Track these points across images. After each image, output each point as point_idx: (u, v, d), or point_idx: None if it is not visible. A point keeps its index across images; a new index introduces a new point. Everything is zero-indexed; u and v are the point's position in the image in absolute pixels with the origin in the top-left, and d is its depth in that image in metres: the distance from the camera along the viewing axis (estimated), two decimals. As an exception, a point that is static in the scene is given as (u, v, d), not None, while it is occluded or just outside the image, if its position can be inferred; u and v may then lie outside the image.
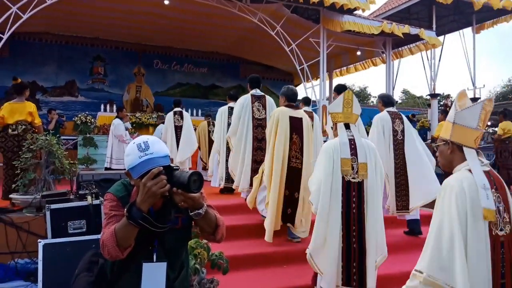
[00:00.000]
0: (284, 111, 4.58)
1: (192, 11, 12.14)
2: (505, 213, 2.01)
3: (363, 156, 3.18)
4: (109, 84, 15.61)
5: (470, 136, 2.09)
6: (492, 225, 1.95)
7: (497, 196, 2.00)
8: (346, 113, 3.32)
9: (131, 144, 1.76)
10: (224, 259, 2.96)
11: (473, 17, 14.83)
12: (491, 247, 1.94)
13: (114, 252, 1.67)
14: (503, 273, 1.96)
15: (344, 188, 3.11)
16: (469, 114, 2.10)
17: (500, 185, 2.06)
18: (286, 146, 4.42)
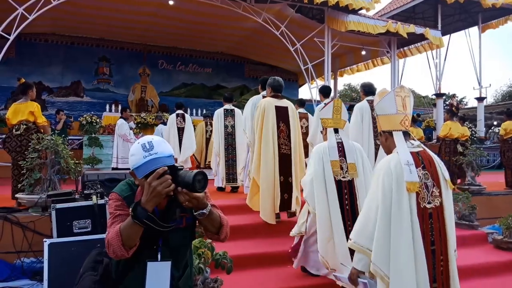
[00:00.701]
0: (270, 101, 4.79)
1: (196, 11, 12.17)
2: (434, 187, 2.24)
3: (352, 157, 3.45)
4: (114, 84, 15.68)
5: (394, 121, 2.37)
6: (419, 199, 2.20)
7: (424, 173, 2.24)
8: (335, 119, 3.60)
9: (136, 144, 1.77)
10: (228, 258, 2.96)
11: (479, 16, 14.76)
12: (420, 218, 2.17)
13: (119, 251, 1.68)
14: (433, 241, 2.19)
15: (336, 187, 3.36)
16: (386, 103, 2.40)
17: (430, 163, 2.28)
18: (274, 134, 4.65)
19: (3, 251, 4.05)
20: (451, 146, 7.56)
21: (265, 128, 4.68)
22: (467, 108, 22.66)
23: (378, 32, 11.96)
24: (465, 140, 7.81)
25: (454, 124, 7.69)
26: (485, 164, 12.76)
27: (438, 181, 2.27)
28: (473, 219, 5.47)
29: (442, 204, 2.25)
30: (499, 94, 34.09)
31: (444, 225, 2.24)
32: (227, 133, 6.73)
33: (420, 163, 2.26)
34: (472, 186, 6.75)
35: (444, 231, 2.23)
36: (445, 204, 2.26)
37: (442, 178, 2.29)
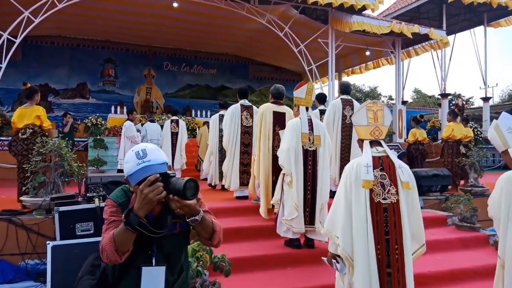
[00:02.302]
0: (269, 106, 5.28)
1: (200, 13, 12.23)
2: (391, 186, 2.63)
3: (318, 130, 4.34)
4: (119, 86, 15.81)
5: (364, 131, 2.83)
6: (374, 195, 2.59)
7: (381, 174, 2.65)
8: (307, 99, 4.45)
9: (130, 151, 1.81)
10: (226, 261, 3.00)
11: (485, 16, 14.65)
12: (373, 211, 2.57)
13: (112, 257, 1.72)
14: (387, 231, 2.56)
15: (303, 154, 4.23)
16: (359, 116, 2.86)
17: (389, 167, 2.68)
18: (270, 137, 5.12)
19: (8, 252, 4.12)
20: (454, 147, 7.53)
21: (262, 131, 5.12)
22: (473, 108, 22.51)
23: (382, 32, 11.94)
24: (468, 141, 7.78)
25: (456, 125, 7.66)
26: (491, 164, 12.67)
27: (395, 181, 2.65)
28: (475, 221, 5.46)
29: (399, 201, 2.61)
30: (506, 93, 33.79)
31: (400, 219, 2.59)
32: (221, 136, 7.13)
33: (379, 165, 2.67)
34: (475, 187, 6.73)
35: (399, 224, 2.58)
36: (401, 201, 2.62)
37: (398, 180, 2.65)
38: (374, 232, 2.53)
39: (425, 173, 6.70)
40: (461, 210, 5.55)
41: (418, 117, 9.36)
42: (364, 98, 33.54)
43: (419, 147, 8.79)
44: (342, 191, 2.68)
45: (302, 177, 4.17)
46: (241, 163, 6.08)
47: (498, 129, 2.73)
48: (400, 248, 2.54)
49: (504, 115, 2.82)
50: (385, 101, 34.64)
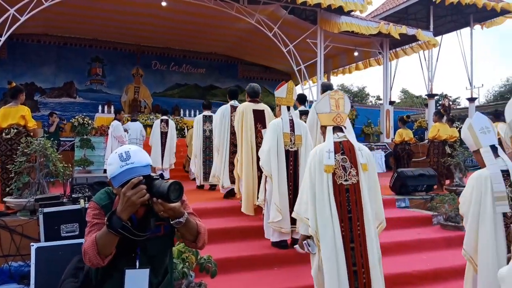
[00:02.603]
0: (248, 105, 5.36)
1: (189, 12, 12.19)
2: (352, 169, 2.84)
3: (299, 130, 4.33)
4: (107, 85, 15.68)
5: (327, 118, 3.03)
6: (336, 177, 2.82)
7: (342, 158, 2.86)
8: (288, 98, 4.41)
9: (113, 153, 1.80)
10: (212, 262, 2.99)
11: (471, 17, 14.85)
12: (336, 192, 2.79)
13: (95, 260, 1.71)
14: (350, 210, 2.78)
15: (285, 155, 4.23)
16: (322, 104, 3.07)
17: (350, 150, 2.89)
18: (252, 135, 5.20)
19: (-10, 254, 4.05)
20: (440, 147, 7.62)
21: (244, 129, 5.22)
22: (460, 109, 22.78)
23: (371, 33, 12.04)
24: (453, 142, 7.88)
25: (442, 126, 7.76)
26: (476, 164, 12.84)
27: (356, 164, 2.87)
28: (459, 220, 5.52)
29: (359, 182, 2.84)
30: (491, 94, 34.29)
31: (360, 198, 2.81)
32: (205, 137, 7.40)
33: (340, 150, 2.88)
34: (460, 187, 6.81)
35: (360, 203, 2.80)
36: (361, 182, 2.84)
37: (358, 162, 2.87)
38: (338, 212, 2.76)
39: (411, 173, 6.77)
40: (446, 210, 5.62)
41: (404, 117, 9.45)
42: (353, 98, 33.74)
43: (405, 147, 8.87)
44: (307, 176, 2.90)
45: (285, 178, 4.19)
46: (230, 163, 6.12)
47: (471, 129, 2.84)
48: (362, 224, 2.77)
49: (477, 115, 2.91)
50: (373, 101, 34.90)
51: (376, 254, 2.80)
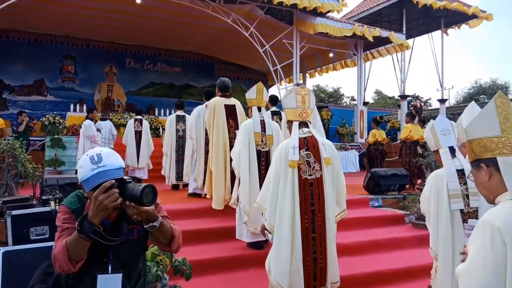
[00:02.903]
0: (219, 100, 5.36)
1: (165, 9, 12.04)
2: (316, 164, 2.98)
3: (270, 130, 4.38)
4: (79, 83, 15.31)
5: (293, 113, 3.12)
6: (301, 172, 2.94)
7: (307, 153, 2.99)
8: (258, 99, 4.47)
9: (84, 156, 1.75)
10: (187, 265, 2.96)
11: (442, 21, 15.26)
12: (301, 187, 2.93)
13: (65, 266, 1.66)
14: (313, 203, 2.94)
15: (256, 155, 4.26)
16: (289, 100, 3.13)
17: (313, 146, 3.02)
18: (225, 129, 5.25)
19: (-45, 259, 3.88)
20: (412, 148, 7.80)
21: (216, 124, 5.25)
22: (431, 110, 23.35)
23: (345, 34, 12.19)
24: (425, 142, 8.07)
25: (414, 127, 7.94)
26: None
27: (319, 159, 3.00)
28: (431, 219, 5.67)
29: (322, 176, 2.98)
30: (461, 95, 35.36)
31: (323, 191, 2.96)
32: (178, 137, 7.40)
33: (305, 146, 3.01)
34: (431, 187, 6.99)
35: (322, 196, 2.96)
36: (324, 176, 2.98)
37: (322, 156, 3.00)
38: (301, 205, 2.91)
39: (384, 173, 6.89)
40: (417, 209, 5.74)
41: (378, 118, 9.63)
42: (328, 99, 34.14)
43: (378, 148, 9.04)
44: (273, 170, 3.04)
45: (257, 178, 4.21)
46: (206, 163, 6.04)
47: (433, 130, 2.97)
48: (323, 216, 2.96)
49: (440, 118, 3.05)
50: (347, 102, 35.39)
51: (333, 241, 3.03)
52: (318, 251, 2.94)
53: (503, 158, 1.58)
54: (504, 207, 1.52)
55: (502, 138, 1.62)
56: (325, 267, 2.98)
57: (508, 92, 33.66)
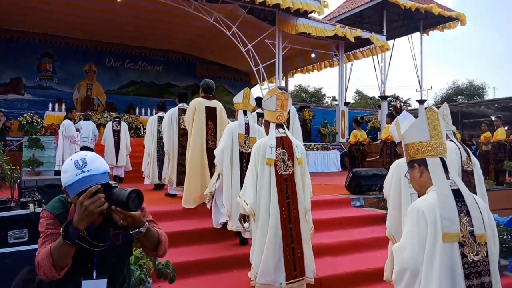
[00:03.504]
0: (200, 101, 5.39)
1: (145, 8, 11.91)
2: (289, 161, 3.36)
3: (254, 133, 4.53)
4: (58, 81, 15.00)
5: (272, 116, 3.46)
6: (277, 168, 3.31)
7: (282, 152, 3.36)
8: (245, 103, 4.63)
9: (68, 160, 1.72)
10: (170, 267, 2.93)
11: (421, 23, 15.54)
12: (278, 181, 3.29)
13: (50, 273, 1.62)
14: (288, 196, 3.29)
15: (239, 157, 4.38)
16: (269, 102, 3.43)
17: (288, 145, 3.40)
18: (203, 131, 5.30)
19: None
20: (392, 148, 7.92)
21: (195, 125, 5.30)
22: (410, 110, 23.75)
23: (327, 35, 12.30)
24: (404, 142, 8.22)
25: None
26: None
27: (292, 157, 3.38)
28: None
29: (294, 172, 3.36)
30: (439, 96, 36.10)
31: (295, 186, 3.33)
32: (159, 138, 7.36)
33: (281, 145, 3.38)
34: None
35: (295, 190, 3.32)
36: (295, 172, 3.36)
37: (295, 156, 3.38)
38: (278, 197, 3.25)
39: (365, 172, 6.97)
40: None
41: (359, 118, 9.75)
42: (310, 99, 34.37)
43: (360, 148, 9.16)
44: (252, 166, 3.35)
45: (238, 178, 4.30)
46: (179, 164, 6.18)
47: (397, 124, 3.24)
48: (296, 207, 3.29)
49: (404, 113, 3.38)
50: (329, 102, 35.70)
51: (307, 232, 3.34)
52: (294, 241, 3.24)
53: (431, 159, 1.99)
54: (428, 196, 1.94)
55: (430, 143, 2.02)
56: (302, 256, 3.25)
57: (485, 93, 34.56)
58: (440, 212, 1.84)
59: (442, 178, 1.94)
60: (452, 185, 1.95)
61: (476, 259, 1.86)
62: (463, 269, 1.83)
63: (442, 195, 1.89)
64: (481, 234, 1.89)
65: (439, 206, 1.85)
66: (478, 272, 1.86)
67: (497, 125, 10.30)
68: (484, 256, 1.89)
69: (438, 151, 2.01)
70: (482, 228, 1.90)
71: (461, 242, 1.85)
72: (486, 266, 1.89)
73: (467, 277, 1.83)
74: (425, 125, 2.05)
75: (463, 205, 1.90)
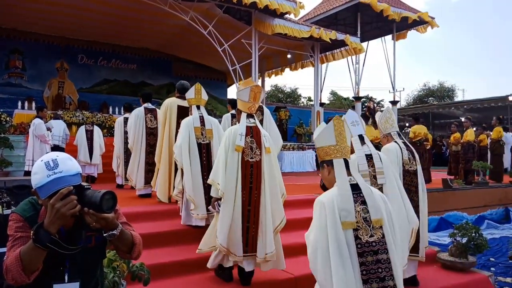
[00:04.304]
0: (174, 101, 5.69)
1: (120, 5, 11.71)
2: (257, 149, 3.61)
3: (209, 125, 4.71)
4: (27, 79, 14.56)
5: (244, 106, 3.71)
6: (245, 155, 3.56)
7: (251, 140, 3.61)
8: (197, 98, 4.82)
9: (39, 161, 1.67)
10: (145, 270, 2.89)
11: (394, 26, 15.87)
12: (243, 167, 3.54)
13: (19, 278, 1.57)
14: (252, 181, 3.56)
15: (197, 148, 4.54)
16: (243, 93, 3.69)
17: (257, 134, 3.66)
18: (173, 129, 5.50)
19: None
20: (366, 148, 8.06)
21: (167, 122, 5.53)
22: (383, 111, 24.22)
23: (303, 36, 12.40)
24: (378, 143, 8.37)
25: (368, 128, 8.19)
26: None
27: (260, 146, 3.62)
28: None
29: (261, 160, 3.60)
30: (411, 98, 36.98)
31: (260, 172, 3.58)
32: (126, 138, 7.47)
33: (250, 133, 3.63)
34: (384, 186, 7.25)
35: (260, 176, 3.57)
36: (263, 160, 3.61)
37: (263, 145, 3.63)
38: (242, 181, 3.52)
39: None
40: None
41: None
42: (285, 99, 34.56)
43: (335, 148, 9.26)
44: (222, 151, 3.57)
45: (199, 169, 4.48)
46: (146, 163, 6.35)
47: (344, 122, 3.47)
48: (258, 192, 3.55)
49: (350, 111, 3.70)
50: (305, 102, 36.00)
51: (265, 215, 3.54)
52: (251, 221, 3.52)
53: (336, 160, 2.36)
54: (330, 190, 2.33)
55: (337, 146, 2.39)
56: (256, 236, 3.52)
57: (454, 95, 35.61)
58: (339, 204, 2.23)
59: (343, 175, 2.31)
60: (352, 180, 2.33)
61: (371, 240, 2.23)
62: (357, 248, 2.20)
63: (341, 189, 2.27)
64: (377, 219, 2.26)
65: (338, 199, 2.24)
66: (373, 250, 2.21)
67: (466, 126, 10.63)
68: (380, 237, 2.24)
69: (343, 153, 2.38)
70: (379, 214, 2.27)
71: (356, 227, 2.22)
72: (383, 246, 2.24)
73: (360, 255, 2.20)
74: (332, 131, 2.41)
75: (359, 196, 2.29)
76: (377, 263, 2.21)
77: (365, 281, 2.18)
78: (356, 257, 2.19)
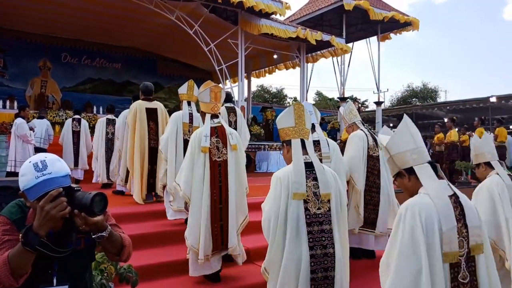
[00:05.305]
0: (141, 104, 5.77)
1: (105, 3, 11.57)
2: (224, 149, 3.67)
3: (197, 122, 4.81)
4: (9, 77, 14.27)
5: (207, 107, 3.78)
6: (211, 155, 3.62)
7: (217, 140, 3.66)
8: (189, 94, 4.93)
9: (27, 163, 1.64)
10: (133, 271, 2.85)
11: (378, 27, 16.04)
12: (211, 167, 3.60)
13: (7, 282, 1.54)
14: (220, 180, 3.64)
15: (183, 143, 4.64)
16: (204, 95, 3.76)
17: (222, 134, 3.71)
18: (145, 131, 5.68)
19: None
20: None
21: (137, 126, 5.66)
22: (368, 111, 24.50)
23: (289, 36, 12.43)
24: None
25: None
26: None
27: (226, 145, 3.69)
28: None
29: (227, 159, 3.68)
30: (395, 98, 37.45)
31: (227, 171, 3.65)
32: (108, 139, 7.69)
33: (215, 134, 3.68)
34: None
35: (227, 175, 3.65)
36: (229, 159, 3.68)
37: (228, 143, 3.71)
38: (211, 181, 3.57)
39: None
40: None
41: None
42: (272, 99, 34.64)
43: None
44: (188, 153, 3.65)
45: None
46: None
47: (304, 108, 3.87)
48: (226, 190, 3.63)
49: (305, 103, 3.77)
50: (291, 103, 36.14)
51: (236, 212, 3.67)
52: (224, 218, 3.62)
53: (295, 140, 2.65)
54: (287, 167, 2.62)
55: (295, 128, 2.69)
56: (227, 233, 3.62)
57: (437, 96, 36.19)
58: (292, 178, 2.51)
59: (299, 153, 2.60)
60: (307, 159, 2.62)
61: (319, 212, 2.52)
62: (305, 218, 2.49)
63: (296, 165, 2.56)
64: (325, 193, 2.54)
65: (292, 173, 2.52)
66: (319, 221, 2.52)
67: (450, 127, 10.82)
68: (326, 210, 2.54)
69: (300, 134, 2.66)
70: (327, 189, 2.55)
71: (306, 200, 2.51)
72: (328, 218, 2.54)
73: (308, 224, 2.50)
74: (292, 114, 2.69)
75: (311, 173, 2.57)
76: (321, 233, 2.51)
77: (311, 247, 2.47)
78: (305, 226, 2.48)
